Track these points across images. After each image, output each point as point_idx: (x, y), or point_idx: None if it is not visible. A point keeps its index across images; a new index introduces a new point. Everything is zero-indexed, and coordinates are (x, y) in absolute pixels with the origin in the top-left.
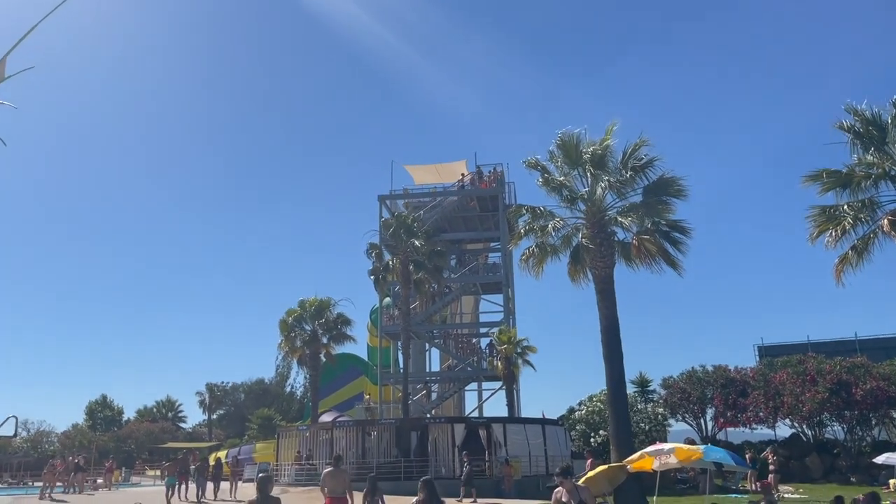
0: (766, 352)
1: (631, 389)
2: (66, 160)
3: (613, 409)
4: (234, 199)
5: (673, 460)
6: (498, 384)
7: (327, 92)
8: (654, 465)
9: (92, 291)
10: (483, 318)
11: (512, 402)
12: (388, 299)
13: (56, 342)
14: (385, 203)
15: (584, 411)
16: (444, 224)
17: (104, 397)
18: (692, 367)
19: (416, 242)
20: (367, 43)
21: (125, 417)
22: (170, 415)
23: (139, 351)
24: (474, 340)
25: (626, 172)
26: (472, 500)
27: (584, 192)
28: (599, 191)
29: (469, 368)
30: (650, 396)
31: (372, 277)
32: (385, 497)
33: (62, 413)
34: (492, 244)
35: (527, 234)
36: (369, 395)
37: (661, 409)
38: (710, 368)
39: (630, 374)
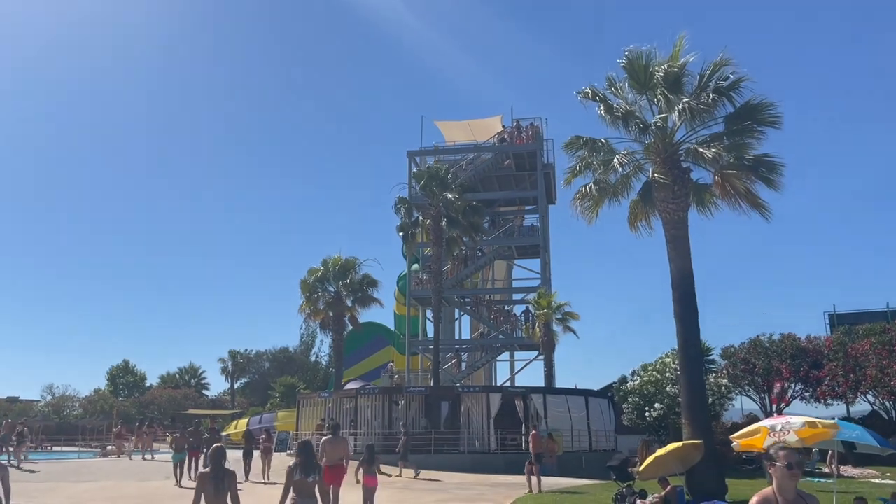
0: (838, 320)
1: None
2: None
3: (687, 376)
4: (257, 159)
5: (792, 438)
6: (532, 354)
7: (353, 49)
8: (767, 443)
9: (116, 256)
10: (516, 286)
11: (550, 372)
12: (416, 265)
13: (82, 307)
14: (414, 159)
15: (637, 382)
16: (477, 184)
17: (126, 363)
18: (757, 336)
19: (450, 196)
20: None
21: (147, 383)
22: (192, 382)
23: (163, 317)
24: (508, 308)
25: (707, 96)
26: (415, 473)
27: (657, 119)
28: (675, 118)
29: (501, 337)
30: (710, 367)
31: (400, 234)
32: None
33: (87, 378)
34: (527, 208)
35: (583, 170)
36: (394, 361)
37: (724, 381)
38: (776, 337)
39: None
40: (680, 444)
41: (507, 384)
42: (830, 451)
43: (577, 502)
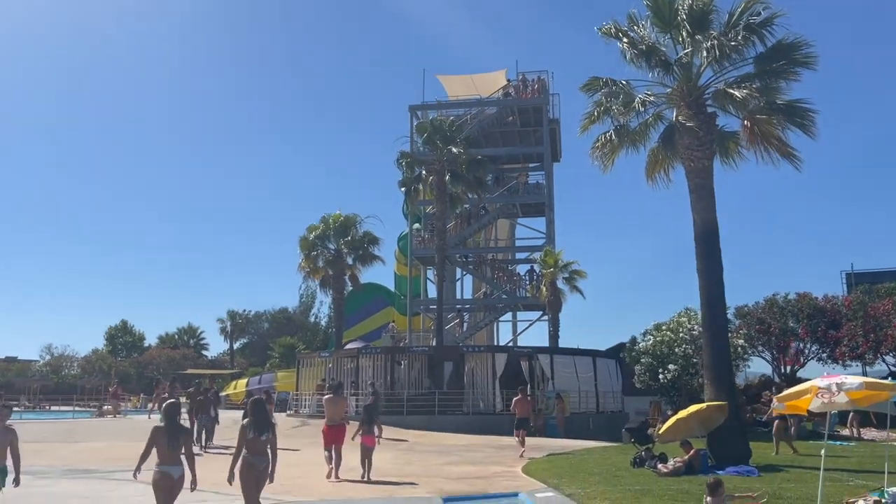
0: (857, 279)
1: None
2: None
3: (710, 335)
4: (256, 116)
5: (842, 399)
6: (535, 315)
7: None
8: (814, 404)
9: (114, 215)
10: (519, 245)
11: (556, 332)
12: (417, 224)
13: (80, 267)
14: (416, 114)
15: (650, 342)
16: (481, 140)
17: (124, 323)
18: (773, 295)
19: (454, 150)
20: None
21: (146, 344)
22: (191, 342)
23: (161, 277)
24: (511, 268)
25: (737, 34)
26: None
27: (682, 55)
28: (701, 58)
29: (504, 297)
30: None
31: (402, 189)
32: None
33: (85, 339)
34: (531, 165)
35: (600, 116)
36: (394, 321)
37: (740, 341)
38: (792, 297)
39: (695, 299)
40: (703, 405)
41: (510, 345)
42: (852, 414)
43: (594, 465)
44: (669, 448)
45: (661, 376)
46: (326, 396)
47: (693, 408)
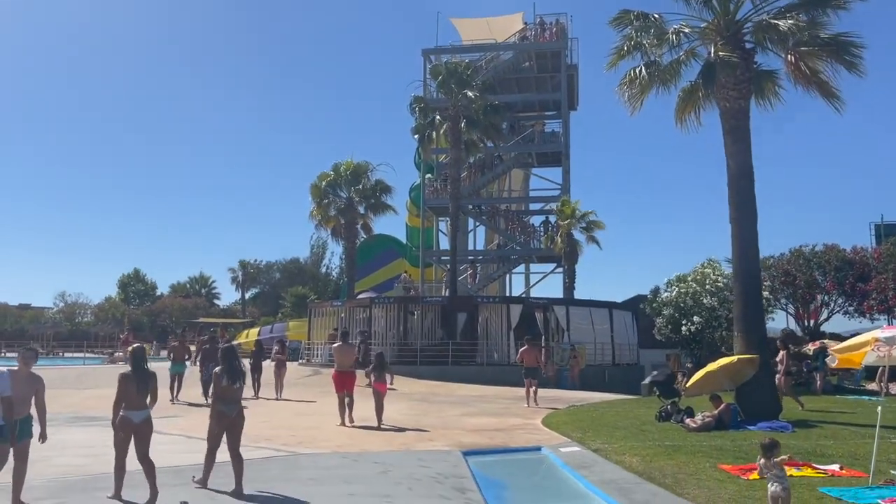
0: (886, 231)
1: (727, 268)
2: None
3: (742, 286)
4: (262, 60)
5: None
6: (549, 267)
7: None
8: (869, 358)
9: (128, 163)
10: (534, 196)
11: (572, 284)
12: (429, 175)
13: (93, 214)
14: (429, 58)
15: (674, 293)
16: (495, 86)
17: (137, 271)
18: (799, 246)
19: (470, 94)
20: None
21: (158, 292)
22: (203, 291)
23: (173, 225)
24: (525, 219)
25: None
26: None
27: None
28: None
29: (518, 248)
30: None
31: (416, 136)
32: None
33: (98, 286)
34: (546, 114)
35: (630, 52)
36: (407, 271)
37: (766, 294)
38: (819, 248)
39: (721, 250)
40: (733, 358)
41: (525, 296)
42: (881, 368)
43: (617, 418)
44: (695, 402)
45: (683, 328)
46: (336, 344)
47: (722, 360)
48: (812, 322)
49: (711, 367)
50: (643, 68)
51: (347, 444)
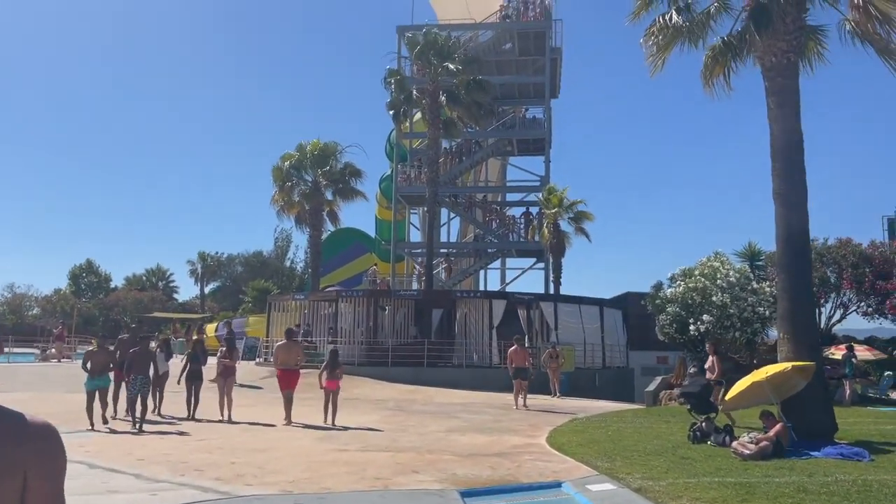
0: None
1: (737, 263)
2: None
3: (788, 276)
4: (222, 47)
5: None
6: (528, 262)
7: None
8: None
9: (82, 148)
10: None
11: (558, 279)
12: (401, 165)
13: (45, 205)
14: (405, 36)
15: (680, 288)
16: (479, 59)
17: (89, 262)
18: (811, 240)
19: (451, 66)
20: None
21: (112, 285)
22: (160, 284)
23: (130, 215)
24: (504, 210)
25: None
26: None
27: None
28: None
29: (495, 241)
30: (760, 275)
31: (391, 112)
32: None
33: (49, 278)
34: (525, 100)
35: None
36: (376, 264)
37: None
38: (832, 243)
39: (731, 242)
40: (786, 365)
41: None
42: None
43: (639, 438)
44: (735, 417)
45: (692, 328)
46: (279, 343)
47: (772, 368)
48: (826, 323)
49: (758, 375)
50: (674, 14)
51: (303, 479)
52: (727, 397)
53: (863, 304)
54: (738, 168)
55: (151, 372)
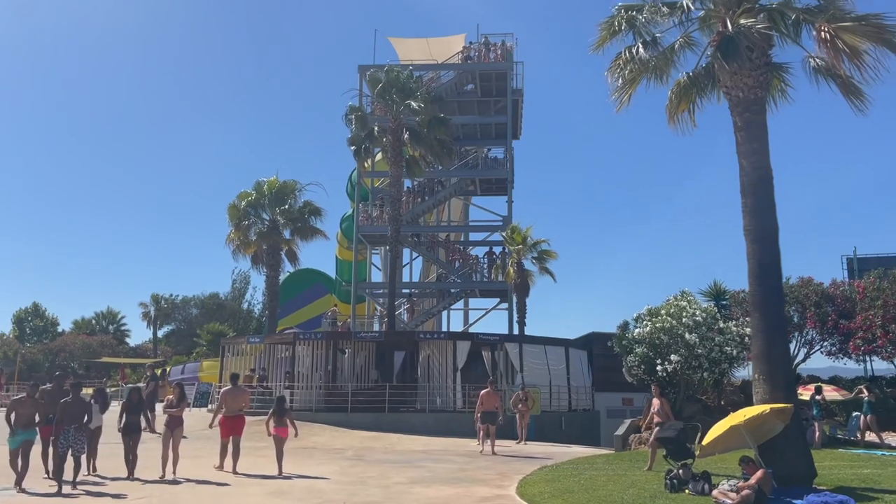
0: (860, 265)
1: (703, 302)
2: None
3: (763, 314)
4: (182, 76)
5: None
6: (492, 302)
7: None
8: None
9: (29, 185)
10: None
11: (523, 319)
12: (363, 204)
13: None
14: (366, 74)
15: (647, 328)
16: (442, 97)
17: (35, 305)
18: None
19: (414, 105)
20: None
21: (60, 329)
22: (111, 328)
23: (79, 256)
24: (467, 250)
25: None
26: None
27: None
28: None
29: (458, 281)
30: (726, 314)
31: (352, 148)
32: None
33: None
34: (487, 140)
35: (622, 29)
36: (336, 305)
37: (748, 330)
38: (794, 282)
39: (696, 281)
40: (764, 407)
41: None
42: (869, 416)
43: (614, 487)
44: (710, 463)
45: (659, 368)
46: (224, 388)
47: (749, 411)
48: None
49: (736, 418)
50: (640, 47)
51: None
52: (703, 442)
53: (826, 343)
54: (703, 205)
55: (85, 422)
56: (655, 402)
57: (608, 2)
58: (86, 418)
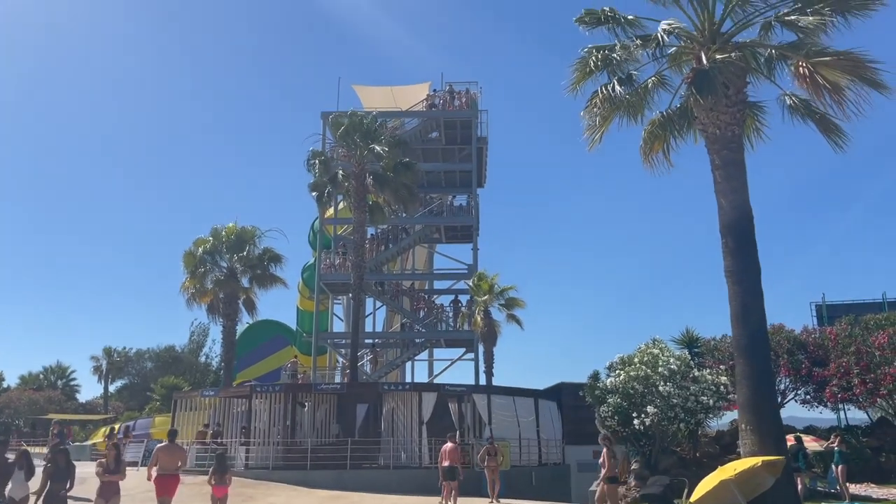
0: (830, 311)
1: (677, 350)
2: None
3: (748, 360)
4: (137, 122)
5: None
6: (457, 352)
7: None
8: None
9: None
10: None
11: (490, 369)
12: (324, 252)
13: None
14: (329, 119)
15: (620, 377)
16: (407, 142)
17: None
18: None
19: (378, 149)
20: None
21: (5, 384)
22: (59, 383)
23: (27, 309)
24: (432, 299)
25: None
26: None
27: None
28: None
29: (423, 330)
30: (700, 361)
31: (314, 193)
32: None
33: None
34: (451, 188)
35: (598, 67)
36: (297, 357)
37: (723, 378)
38: None
39: (668, 328)
40: (755, 461)
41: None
42: (835, 467)
43: None
44: None
45: (636, 421)
46: (159, 445)
47: (739, 465)
48: None
49: (725, 472)
50: (616, 84)
51: None
52: (692, 499)
53: (801, 391)
54: (677, 249)
55: (8, 490)
56: (603, 452)
57: (568, 51)
58: (8, 486)
